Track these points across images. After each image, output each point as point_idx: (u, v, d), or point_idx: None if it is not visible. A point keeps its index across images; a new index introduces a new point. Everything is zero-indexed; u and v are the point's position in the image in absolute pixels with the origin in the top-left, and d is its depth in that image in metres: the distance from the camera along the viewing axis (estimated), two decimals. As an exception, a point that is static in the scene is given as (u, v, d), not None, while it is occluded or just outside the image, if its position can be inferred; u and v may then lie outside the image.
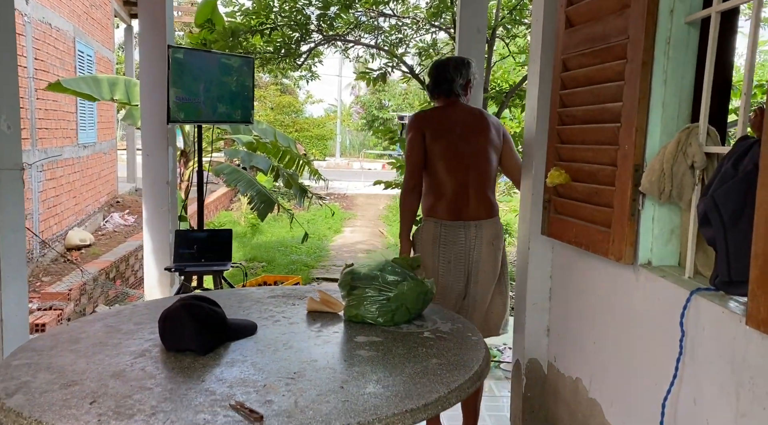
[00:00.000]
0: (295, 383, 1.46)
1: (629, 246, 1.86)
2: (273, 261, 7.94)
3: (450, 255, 2.81)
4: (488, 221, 2.85)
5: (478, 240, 2.81)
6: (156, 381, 1.45)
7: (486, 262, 2.84)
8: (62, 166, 8.17)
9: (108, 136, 11.01)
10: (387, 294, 1.88)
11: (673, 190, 1.67)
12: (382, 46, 6.12)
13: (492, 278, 2.88)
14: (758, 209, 1.26)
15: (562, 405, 2.47)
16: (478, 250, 2.81)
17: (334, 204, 12.93)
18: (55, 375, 1.46)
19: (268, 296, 2.22)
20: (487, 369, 1.66)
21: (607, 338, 2.08)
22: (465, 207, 2.83)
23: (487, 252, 2.83)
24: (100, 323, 1.87)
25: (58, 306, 5.00)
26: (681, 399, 1.62)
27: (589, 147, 2.07)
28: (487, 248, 2.83)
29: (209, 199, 10.85)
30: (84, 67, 9.33)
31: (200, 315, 1.69)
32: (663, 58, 1.77)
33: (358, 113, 26.16)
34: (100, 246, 8.10)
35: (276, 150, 6.62)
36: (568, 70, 2.23)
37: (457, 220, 2.81)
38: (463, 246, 2.80)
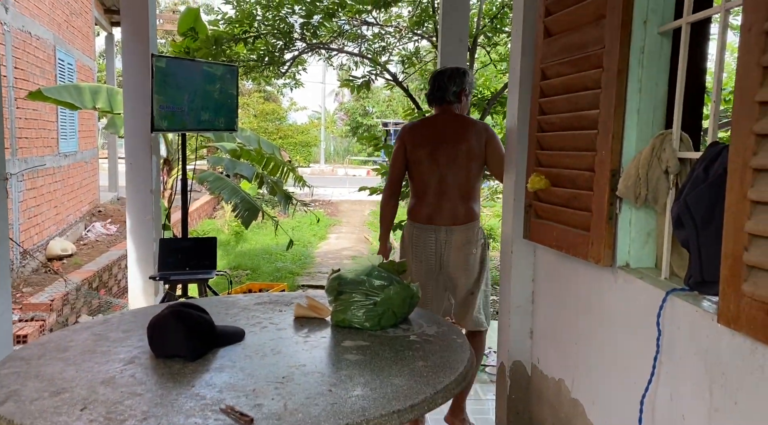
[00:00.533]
0: (284, 387, 1.48)
1: (608, 249, 1.91)
2: (258, 269, 7.92)
3: (422, 256, 3.02)
4: (460, 227, 2.99)
5: (448, 244, 2.98)
6: (146, 387, 1.47)
7: (455, 266, 2.99)
8: (43, 176, 8.10)
9: (89, 144, 10.92)
10: (374, 299, 1.91)
11: (649, 194, 1.73)
12: (366, 54, 6.17)
13: (464, 281, 3.02)
14: (727, 212, 1.31)
15: (546, 406, 2.52)
16: (447, 254, 2.98)
17: (319, 210, 12.93)
18: (45, 383, 1.48)
19: (255, 303, 2.24)
20: (472, 371, 1.69)
21: (588, 339, 2.14)
22: (437, 212, 3.00)
23: (456, 257, 2.99)
24: (87, 331, 1.88)
25: (40, 317, 4.95)
26: (658, 396, 1.67)
27: (568, 153, 2.13)
28: (456, 253, 2.99)
29: (192, 207, 10.80)
30: (65, 75, 9.26)
31: (189, 322, 1.71)
32: (638, 67, 1.83)
33: (342, 120, 26.22)
34: (82, 256, 8.03)
35: (260, 157, 6.64)
36: (547, 78, 2.29)
37: (429, 224, 3.00)
38: (433, 248, 3.00)
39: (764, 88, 1.22)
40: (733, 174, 1.30)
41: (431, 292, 3.05)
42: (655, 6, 1.81)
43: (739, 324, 1.28)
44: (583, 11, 2.02)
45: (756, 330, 1.24)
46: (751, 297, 1.24)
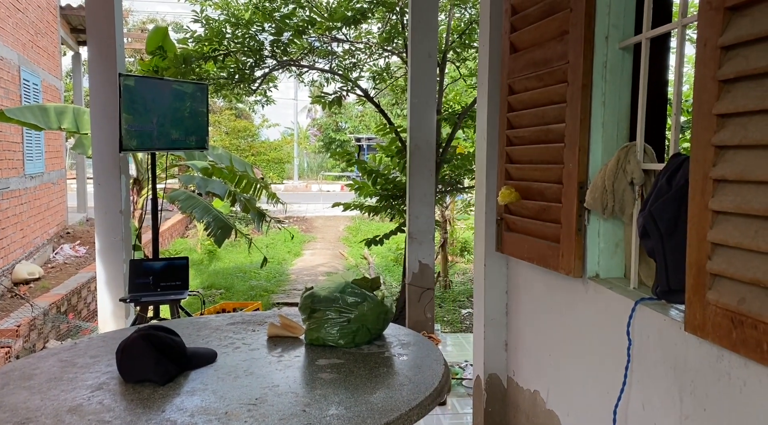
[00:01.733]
0: (257, 409, 1.46)
1: (577, 260, 1.94)
2: (232, 287, 7.82)
3: None
4: None
5: None
6: (114, 413, 1.43)
7: None
8: (8, 198, 7.90)
9: (57, 165, 10.70)
10: (347, 316, 1.90)
11: (615, 205, 1.76)
12: (336, 71, 6.19)
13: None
14: (690, 222, 1.34)
15: (522, 418, 2.53)
16: None
17: (294, 227, 12.85)
18: (8, 414, 1.43)
19: (228, 323, 2.21)
20: (447, 386, 1.69)
21: (562, 350, 2.15)
22: None
23: None
24: (53, 358, 1.83)
25: (6, 344, 4.79)
26: (631, 405, 1.69)
27: (537, 166, 2.16)
28: None
29: (164, 227, 10.63)
30: (30, 95, 9.09)
31: (159, 345, 1.68)
32: (601, 81, 1.88)
33: (315, 136, 26.19)
34: (50, 279, 7.83)
35: (232, 175, 6.58)
36: (515, 93, 2.32)
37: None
38: None
39: (721, 101, 1.26)
40: (695, 185, 1.33)
41: None
42: (616, 21, 1.85)
43: (705, 332, 1.30)
44: (547, 27, 2.07)
45: (721, 337, 1.26)
46: (716, 305, 1.27)
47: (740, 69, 1.21)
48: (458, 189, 6.50)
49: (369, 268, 8.88)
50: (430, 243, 4.79)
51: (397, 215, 5.81)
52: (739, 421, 1.27)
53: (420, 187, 4.71)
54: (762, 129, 1.17)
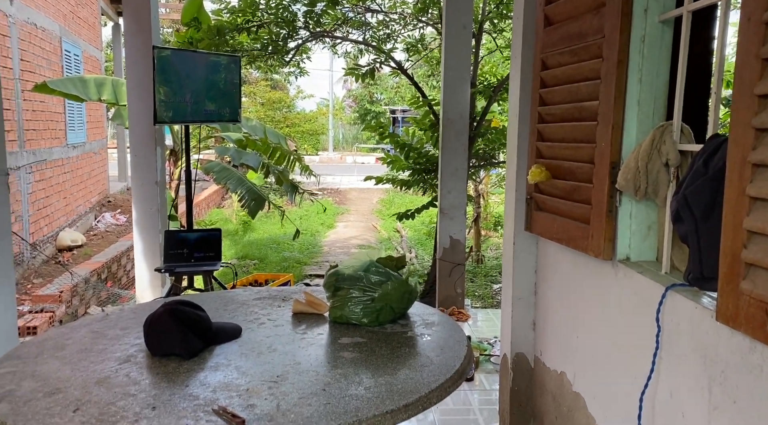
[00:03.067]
0: (278, 386, 1.48)
1: (607, 243, 1.88)
2: (265, 258, 7.94)
3: None
4: None
5: None
6: (140, 387, 1.46)
7: None
8: (51, 167, 8.14)
9: (98, 135, 10.95)
10: (371, 295, 1.90)
11: (649, 187, 1.69)
12: (370, 42, 6.11)
13: None
14: (726, 207, 1.28)
15: (548, 398, 2.51)
16: None
17: (327, 199, 12.92)
18: (40, 383, 1.48)
19: (254, 298, 2.24)
20: (469, 367, 1.68)
21: (589, 333, 2.12)
22: None
23: None
24: (86, 329, 1.89)
25: (50, 309, 4.99)
26: (658, 393, 1.65)
27: (568, 145, 2.10)
28: None
29: (200, 197, 10.83)
30: (71, 66, 9.27)
31: (185, 320, 1.71)
32: (638, 56, 1.79)
33: (351, 107, 26.12)
34: (91, 246, 8.09)
35: (266, 147, 6.62)
36: (548, 68, 2.25)
37: None
38: None
39: (764, 80, 1.19)
40: (732, 169, 1.27)
41: None
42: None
43: (738, 323, 1.25)
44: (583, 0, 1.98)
45: (754, 329, 1.21)
46: (750, 296, 1.21)
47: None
48: (492, 163, 6.40)
49: (401, 242, 8.89)
50: (461, 218, 4.75)
51: (430, 189, 5.76)
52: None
53: (452, 162, 4.65)
54: (807, 112, 1.09)
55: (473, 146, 5.56)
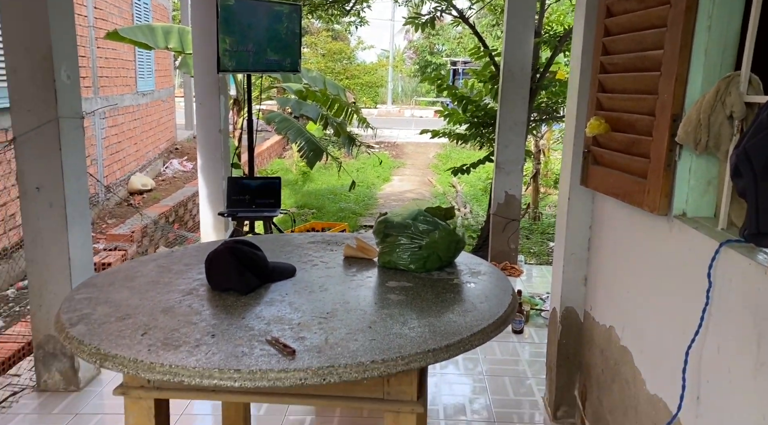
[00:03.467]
0: (327, 322, 1.56)
1: (664, 197, 1.84)
2: (323, 208, 8.12)
3: None
4: None
5: None
6: (201, 317, 1.58)
7: None
8: (123, 114, 8.50)
9: (166, 83, 11.30)
10: (419, 242, 1.94)
11: (710, 140, 1.64)
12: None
13: None
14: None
15: (596, 352, 2.52)
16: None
17: (384, 152, 12.95)
18: (112, 309, 1.62)
19: (309, 242, 2.33)
20: (512, 315, 1.71)
21: (640, 288, 2.10)
22: None
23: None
24: (153, 263, 2.02)
25: (122, 247, 5.32)
26: (705, 348, 1.64)
27: (629, 96, 2.03)
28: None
29: (263, 147, 11.07)
30: (141, 15, 9.52)
31: (243, 258, 1.81)
32: (709, 2, 1.69)
33: (411, 59, 25.70)
34: (160, 191, 8.48)
35: (325, 98, 6.67)
36: (612, 15, 2.16)
37: None
38: None
39: (840, 26, 1.12)
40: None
41: None
42: (733, -67, 1.65)
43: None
44: (654, -59, 1.87)
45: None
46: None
47: None
48: (555, 118, 6.23)
49: (456, 197, 8.87)
50: (518, 174, 4.69)
51: (487, 144, 5.69)
52: (817, 374, 1.21)
53: (511, 115, 4.57)
54: None
55: (535, 99, 5.42)
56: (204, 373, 1.30)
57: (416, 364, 1.39)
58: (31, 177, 2.72)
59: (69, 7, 2.75)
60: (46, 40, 2.61)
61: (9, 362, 3.22)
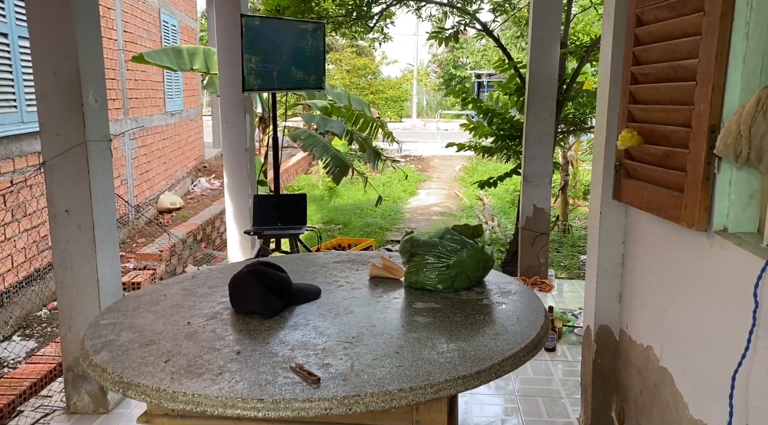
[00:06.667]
0: (353, 347, 1.51)
1: (703, 212, 1.76)
2: (349, 223, 8.10)
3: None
4: None
5: None
6: (224, 342, 1.55)
7: None
8: (152, 134, 8.64)
9: (194, 103, 11.48)
10: (446, 262, 1.89)
11: (752, 152, 1.55)
12: (455, 4, 5.95)
13: None
14: (840, 175, 1.15)
15: (633, 373, 2.42)
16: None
17: (409, 166, 12.92)
18: (136, 335, 1.60)
19: (334, 261, 2.29)
20: (545, 337, 1.64)
21: (680, 306, 2.01)
22: None
23: None
24: (178, 286, 2.01)
25: (152, 267, 5.37)
26: (753, 372, 1.55)
27: (663, 107, 1.96)
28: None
29: (289, 163, 11.15)
30: (169, 37, 9.71)
31: (267, 281, 1.78)
32: (746, 8, 1.62)
33: (435, 72, 25.73)
34: (188, 209, 8.58)
35: (350, 114, 6.68)
36: (643, 24, 2.09)
37: None
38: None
39: None
40: None
41: None
42: (771, -65, 1.58)
43: None
44: (685, -53, 1.81)
45: None
46: None
47: None
48: (582, 129, 6.12)
49: (484, 210, 8.77)
50: (546, 187, 4.60)
51: (514, 156, 5.61)
52: None
53: (537, 127, 4.49)
54: None
55: (562, 110, 5.33)
56: (227, 403, 1.26)
57: (446, 392, 1.33)
58: (60, 200, 2.75)
59: (97, 32, 2.79)
60: (74, 65, 2.65)
61: (41, 383, 3.25)
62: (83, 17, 2.66)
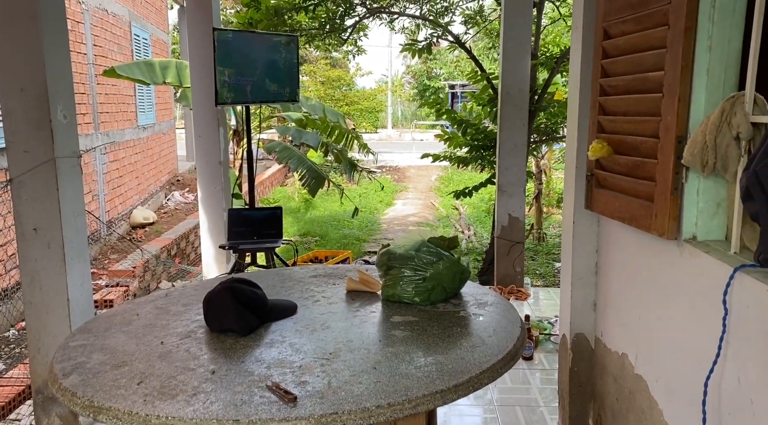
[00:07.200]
0: (330, 364, 1.50)
1: (672, 221, 1.79)
2: (326, 235, 8.08)
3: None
4: None
5: None
6: (199, 362, 1.52)
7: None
8: (124, 148, 8.52)
9: (166, 116, 11.36)
10: (423, 274, 1.89)
11: (717, 162, 1.59)
12: (427, 16, 6.01)
13: None
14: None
15: (609, 380, 2.44)
16: None
17: (385, 177, 12.95)
18: (108, 356, 1.56)
19: (310, 276, 2.27)
20: (522, 348, 1.65)
21: (652, 314, 2.04)
22: None
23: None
24: (150, 305, 1.97)
25: (125, 283, 5.27)
26: (725, 378, 1.57)
27: (631, 118, 2.00)
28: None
29: (264, 176, 11.08)
30: (140, 50, 9.61)
31: (241, 297, 1.76)
32: (708, 22, 1.67)
33: (409, 83, 25.89)
34: (162, 223, 8.46)
35: (325, 126, 6.68)
36: (610, 37, 2.14)
37: None
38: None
39: None
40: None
41: None
42: (729, -47, 1.63)
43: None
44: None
45: (831, 315, 1.12)
46: (827, 280, 1.13)
47: None
48: (554, 138, 6.21)
49: (460, 219, 8.82)
50: (520, 196, 4.65)
51: (488, 166, 5.67)
52: None
53: (511, 138, 4.54)
54: None
55: (534, 121, 5.41)
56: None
57: (424, 407, 1.33)
58: (28, 218, 2.69)
59: (65, 47, 2.74)
60: (42, 81, 2.60)
61: (9, 407, 3.15)
62: (50, 32, 2.62)
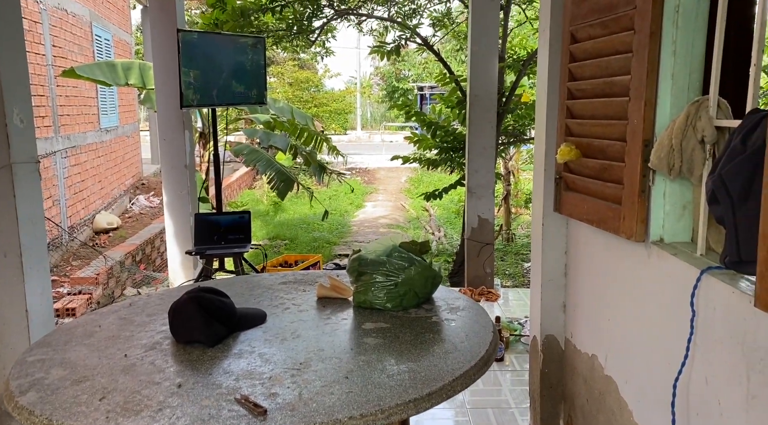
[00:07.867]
0: (301, 374, 1.47)
1: (640, 224, 1.81)
2: (296, 238, 8.00)
3: None
4: None
5: None
6: (164, 375, 1.47)
7: None
8: (86, 151, 8.29)
9: (130, 119, 11.11)
10: (395, 280, 1.87)
11: (683, 165, 1.62)
12: (395, 18, 6.00)
13: None
14: (765, 188, 1.21)
15: (579, 381, 2.46)
16: None
17: (355, 179, 12.91)
18: (68, 371, 1.50)
19: (280, 282, 2.23)
20: (494, 354, 1.65)
21: (621, 316, 2.06)
22: None
23: None
24: (114, 315, 1.91)
25: (87, 291, 5.13)
26: (693, 379, 1.60)
27: (599, 122, 2.02)
28: None
29: (232, 178, 10.93)
30: (102, 51, 9.38)
31: (208, 307, 1.71)
32: (672, 27, 1.69)
33: (378, 85, 25.90)
34: (127, 228, 8.26)
35: (294, 128, 6.61)
36: (577, 41, 2.15)
37: None
38: None
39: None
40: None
41: None
42: (692, -41, 1.65)
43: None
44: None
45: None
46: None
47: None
48: (522, 140, 6.27)
49: (430, 221, 8.84)
50: (489, 198, 4.68)
51: (458, 168, 5.69)
52: (811, 407, 1.17)
53: (480, 140, 4.56)
54: None
55: (502, 123, 5.45)
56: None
57: (397, 416, 1.31)
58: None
59: (21, 49, 2.64)
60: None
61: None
62: (4, 32, 2.52)
